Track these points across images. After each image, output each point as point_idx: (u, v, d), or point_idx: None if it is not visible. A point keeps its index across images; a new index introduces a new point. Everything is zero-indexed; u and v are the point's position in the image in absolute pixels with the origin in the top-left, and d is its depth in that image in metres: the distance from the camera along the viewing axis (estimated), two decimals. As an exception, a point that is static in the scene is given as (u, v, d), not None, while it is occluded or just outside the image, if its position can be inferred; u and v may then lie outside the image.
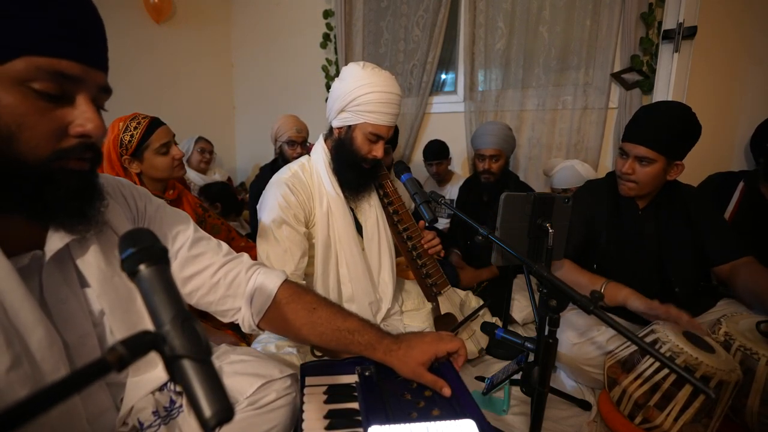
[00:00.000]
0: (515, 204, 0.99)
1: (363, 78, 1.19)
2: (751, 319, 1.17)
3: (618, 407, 1.11)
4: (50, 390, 0.28)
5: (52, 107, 0.52)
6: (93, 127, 0.54)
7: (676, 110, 1.28)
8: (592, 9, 2.26)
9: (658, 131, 1.25)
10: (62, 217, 0.58)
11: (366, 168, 1.28)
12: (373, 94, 1.17)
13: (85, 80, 0.54)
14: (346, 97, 1.20)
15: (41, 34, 0.49)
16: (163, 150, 1.41)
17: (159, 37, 2.96)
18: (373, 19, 2.89)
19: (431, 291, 1.41)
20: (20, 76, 0.49)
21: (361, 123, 1.21)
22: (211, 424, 0.34)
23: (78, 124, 0.54)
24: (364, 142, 1.23)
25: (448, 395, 0.74)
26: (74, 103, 0.54)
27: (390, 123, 1.23)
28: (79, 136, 0.54)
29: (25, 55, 0.48)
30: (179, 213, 0.85)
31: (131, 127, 1.38)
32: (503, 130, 2.04)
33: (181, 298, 0.39)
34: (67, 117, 0.53)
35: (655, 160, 1.26)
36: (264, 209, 1.25)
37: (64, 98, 0.53)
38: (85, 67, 0.53)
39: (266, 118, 3.41)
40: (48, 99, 0.51)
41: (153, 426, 0.73)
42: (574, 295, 0.72)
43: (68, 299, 0.64)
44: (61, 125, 0.53)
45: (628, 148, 1.31)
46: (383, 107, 1.19)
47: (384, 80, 1.20)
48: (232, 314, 0.86)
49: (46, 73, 0.50)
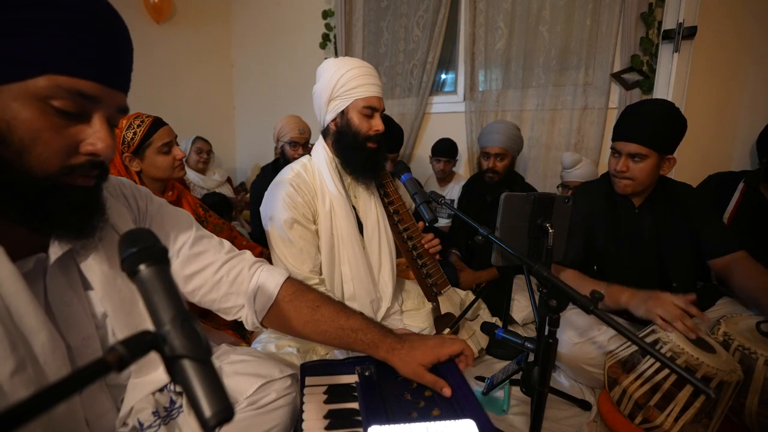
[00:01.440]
0: (515, 204, 0.99)
1: (335, 64, 1.26)
2: (750, 319, 1.18)
3: (618, 407, 1.11)
4: (50, 390, 0.28)
5: (68, 124, 0.53)
6: (103, 147, 0.55)
7: (661, 106, 1.31)
8: (592, 9, 2.26)
9: (647, 127, 1.28)
10: (60, 231, 0.58)
11: (372, 148, 1.29)
12: (350, 71, 1.23)
13: (103, 100, 0.55)
14: (328, 87, 1.25)
15: (65, 53, 0.50)
16: (165, 149, 1.43)
17: (159, 37, 2.96)
18: (373, 19, 2.89)
19: (431, 291, 1.41)
20: (41, 93, 0.50)
21: (351, 102, 1.24)
22: (211, 424, 0.34)
23: (89, 143, 0.55)
24: (362, 119, 1.25)
25: (449, 395, 0.74)
26: (90, 121, 0.55)
27: (377, 93, 1.27)
28: (89, 154, 0.55)
29: (48, 73, 0.50)
30: (180, 212, 0.85)
31: (134, 125, 1.40)
32: (511, 130, 2.01)
33: (181, 298, 0.39)
34: (80, 135, 0.54)
35: (647, 155, 1.29)
36: (271, 211, 1.24)
37: (80, 116, 0.54)
38: (105, 87, 0.54)
39: (266, 117, 3.41)
40: (65, 116, 0.52)
41: (153, 426, 0.72)
42: (574, 295, 0.72)
43: (72, 302, 0.64)
44: (74, 142, 0.54)
45: (620, 147, 1.34)
46: (365, 79, 1.24)
47: (354, 60, 1.27)
48: (234, 312, 0.86)
49: (66, 91, 0.51)
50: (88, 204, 0.59)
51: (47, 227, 0.57)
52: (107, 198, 0.65)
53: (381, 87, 1.29)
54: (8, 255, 0.54)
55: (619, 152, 1.35)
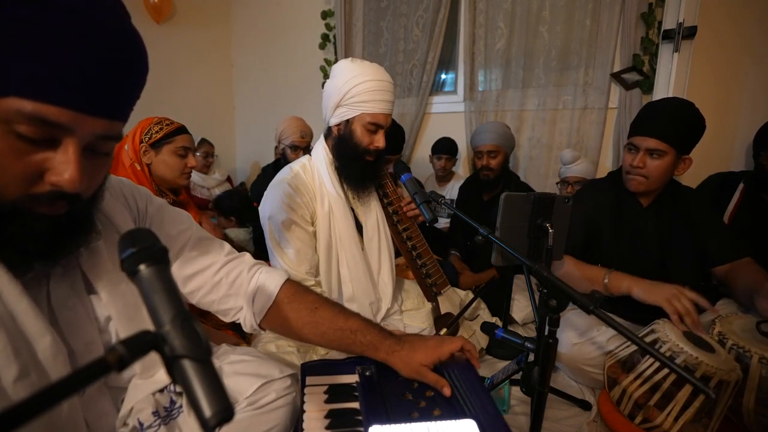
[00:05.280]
0: (515, 204, 0.99)
1: (353, 70, 1.20)
2: (745, 319, 1.17)
3: (618, 407, 1.11)
4: (50, 390, 0.28)
5: (32, 150, 0.47)
6: (67, 179, 0.48)
7: (682, 104, 1.31)
8: (592, 9, 2.26)
9: (667, 124, 1.27)
10: (27, 258, 0.53)
11: (369, 161, 1.27)
12: (365, 83, 1.18)
13: (75, 129, 0.48)
14: (339, 91, 1.20)
15: (26, 74, 0.44)
16: (182, 152, 1.51)
17: (159, 37, 2.96)
18: (373, 19, 2.89)
19: (431, 291, 1.41)
20: (2, 116, 0.45)
21: (358, 115, 1.21)
22: (211, 424, 0.34)
23: (55, 173, 0.48)
24: (364, 133, 1.22)
25: (448, 395, 0.74)
26: (58, 148, 0.48)
27: (386, 111, 1.22)
28: (53, 185, 0.49)
29: (9, 96, 0.44)
30: (180, 213, 0.84)
31: (164, 123, 1.52)
32: (500, 128, 2.06)
33: (181, 299, 0.39)
34: (46, 163, 0.48)
35: (665, 152, 1.28)
36: (269, 211, 1.24)
37: (49, 142, 0.48)
38: (79, 114, 0.47)
39: (266, 117, 3.42)
40: (29, 142, 0.46)
41: (153, 426, 0.72)
42: (574, 295, 0.72)
43: (75, 306, 0.64)
44: (38, 170, 0.48)
45: (638, 142, 1.32)
46: (377, 95, 1.19)
47: (374, 70, 1.21)
48: (233, 313, 0.86)
49: (26, 117, 0.45)
50: (57, 233, 0.53)
51: (11, 253, 0.52)
52: (107, 200, 0.64)
53: (392, 103, 1.25)
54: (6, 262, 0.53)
55: (636, 147, 1.33)
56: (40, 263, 0.55)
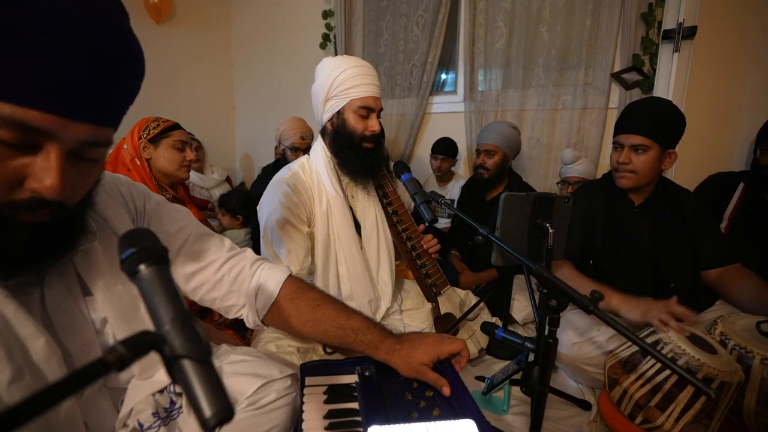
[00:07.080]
0: (515, 204, 0.99)
1: (333, 63, 1.26)
2: (747, 319, 1.17)
3: (618, 407, 1.10)
4: (50, 390, 0.28)
5: (12, 154, 0.45)
6: (47, 186, 0.46)
7: (662, 102, 1.37)
8: (592, 9, 2.25)
9: (649, 120, 1.32)
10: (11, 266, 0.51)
11: (368, 148, 1.28)
12: (347, 71, 1.23)
13: (58, 134, 0.45)
14: (324, 86, 1.25)
15: (7, 78, 0.41)
16: (179, 146, 1.60)
17: (159, 37, 2.96)
18: (373, 19, 2.89)
19: (431, 291, 1.41)
20: None
21: (347, 103, 1.24)
22: (211, 424, 0.33)
23: (35, 179, 0.46)
24: (357, 120, 1.25)
25: (448, 394, 0.74)
26: (39, 153, 0.46)
27: (374, 93, 1.26)
28: (33, 191, 0.47)
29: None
30: (180, 209, 0.84)
31: (160, 121, 1.61)
32: (505, 129, 2.02)
33: (181, 299, 0.39)
34: (27, 168, 0.46)
35: (649, 147, 1.32)
36: (266, 209, 1.25)
37: (30, 147, 0.46)
38: (62, 119, 0.45)
39: (266, 118, 3.42)
40: (9, 146, 0.44)
41: (153, 427, 0.72)
42: (574, 295, 0.72)
43: (70, 308, 0.63)
44: (18, 176, 0.46)
45: (623, 140, 1.37)
46: (361, 79, 1.23)
47: (353, 59, 1.26)
48: (236, 310, 0.86)
49: (5, 122, 0.43)
50: (41, 241, 0.51)
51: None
52: (103, 199, 0.63)
53: (379, 87, 1.28)
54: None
55: (621, 145, 1.37)
56: (23, 272, 0.53)
